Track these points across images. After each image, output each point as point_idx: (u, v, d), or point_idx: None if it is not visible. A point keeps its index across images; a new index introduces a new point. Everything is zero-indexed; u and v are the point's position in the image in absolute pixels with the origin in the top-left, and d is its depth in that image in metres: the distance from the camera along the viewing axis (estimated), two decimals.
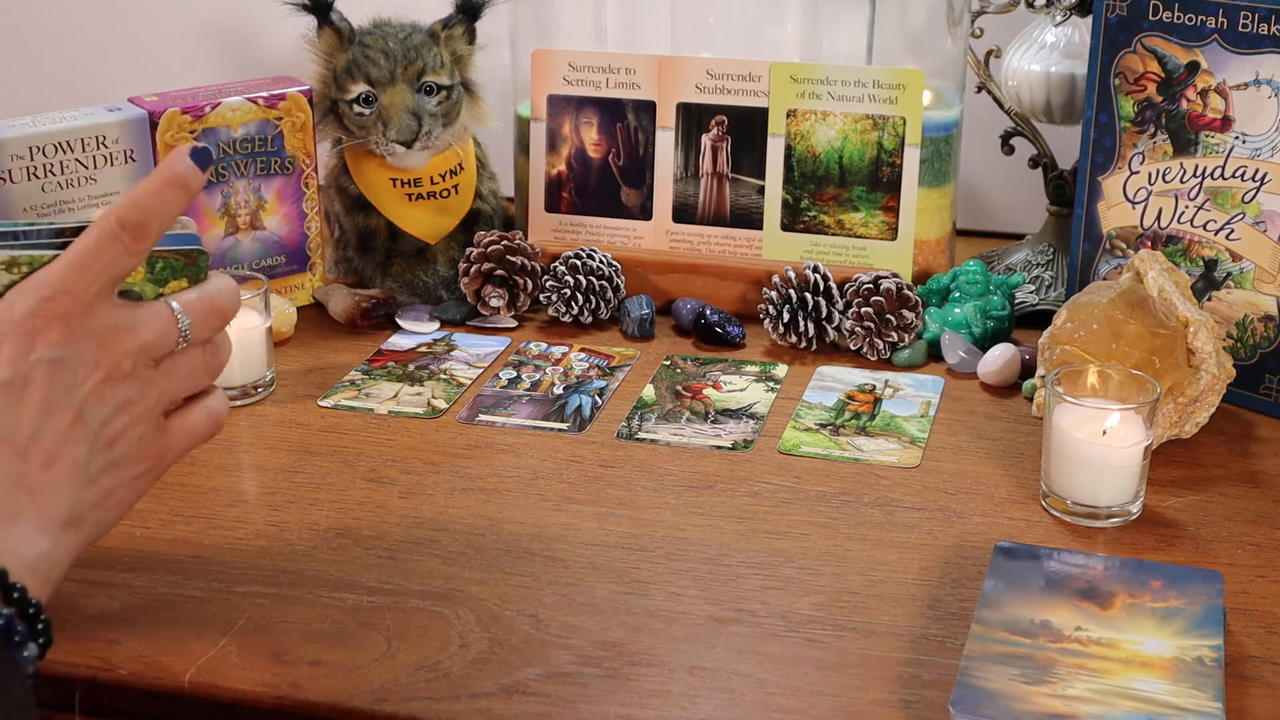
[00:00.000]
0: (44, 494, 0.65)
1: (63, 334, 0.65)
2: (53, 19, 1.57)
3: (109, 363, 0.67)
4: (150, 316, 0.69)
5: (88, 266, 0.66)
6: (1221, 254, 1.04)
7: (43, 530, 0.64)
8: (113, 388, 0.67)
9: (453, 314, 1.20)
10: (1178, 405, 0.96)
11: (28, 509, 0.64)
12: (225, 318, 0.73)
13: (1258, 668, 0.75)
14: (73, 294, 0.66)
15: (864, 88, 1.17)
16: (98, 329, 0.66)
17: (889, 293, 1.12)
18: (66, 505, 0.66)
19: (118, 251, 0.66)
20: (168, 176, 0.68)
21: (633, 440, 1.00)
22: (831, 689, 0.73)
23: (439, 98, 1.17)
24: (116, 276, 0.67)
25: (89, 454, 0.67)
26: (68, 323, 0.65)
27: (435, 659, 0.75)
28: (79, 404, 0.66)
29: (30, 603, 0.62)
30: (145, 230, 0.67)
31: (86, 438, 0.66)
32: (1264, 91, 1.01)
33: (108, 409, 0.67)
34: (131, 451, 0.69)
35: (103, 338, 0.67)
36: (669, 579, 0.83)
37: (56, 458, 0.65)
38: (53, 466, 0.65)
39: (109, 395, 0.67)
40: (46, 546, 0.65)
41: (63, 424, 0.65)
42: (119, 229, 0.66)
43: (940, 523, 0.89)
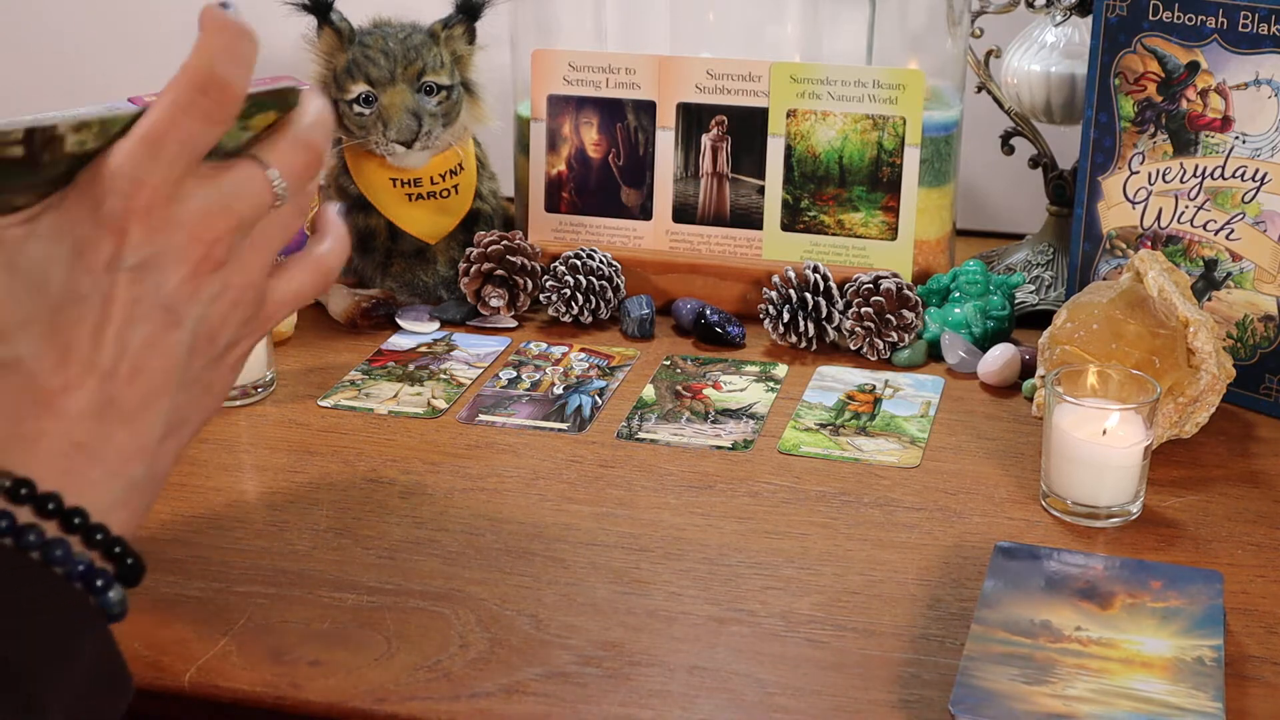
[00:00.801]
0: (137, 415, 0.57)
1: (144, 233, 0.56)
2: (53, 19, 1.57)
3: (200, 253, 0.57)
4: (242, 186, 0.58)
5: (165, 146, 0.55)
6: (1221, 254, 1.04)
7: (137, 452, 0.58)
8: (207, 278, 0.58)
9: (453, 314, 1.20)
10: (1178, 405, 0.96)
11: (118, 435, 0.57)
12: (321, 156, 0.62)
13: (1258, 668, 0.75)
14: (152, 184, 0.55)
15: (864, 88, 1.17)
16: (185, 217, 0.56)
17: (889, 293, 1.12)
18: (164, 417, 0.58)
19: (201, 122, 0.56)
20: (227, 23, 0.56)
21: (633, 440, 1.00)
22: (831, 689, 0.73)
23: (439, 98, 1.17)
24: (201, 151, 0.57)
25: (188, 356, 0.58)
26: (149, 218, 0.56)
27: (435, 659, 0.75)
28: (169, 305, 0.57)
29: (115, 541, 0.56)
30: (230, 90, 0.56)
31: (183, 339, 0.58)
32: (1264, 91, 1.01)
33: (204, 302, 0.58)
34: (235, 335, 0.61)
35: (192, 226, 0.57)
36: (669, 579, 0.83)
37: (147, 370, 0.57)
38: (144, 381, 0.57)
39: (204, 287, 0.58)
40: (138, 472, 0.58)
41: (153, 332, 0.57)
42: (199, 95, 0.55)
43: (940, 523, 0.89)
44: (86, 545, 0.56)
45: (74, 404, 0.56)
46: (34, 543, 0.54)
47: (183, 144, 0.56)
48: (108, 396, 0.56)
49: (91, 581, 0.55)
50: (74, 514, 0.55)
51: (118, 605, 0.56)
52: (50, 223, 0.55)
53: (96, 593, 0.55)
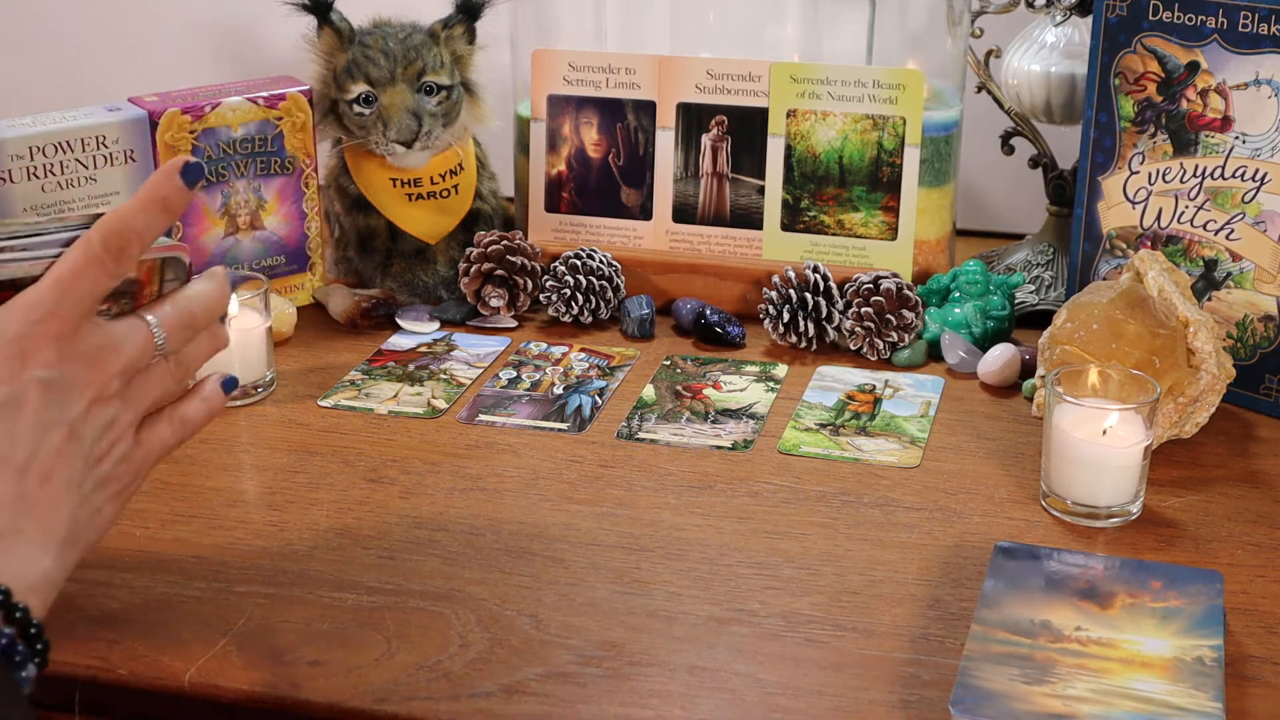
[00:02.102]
0: (44, 512, 0.65)
1: (54, 355, 0.66)
2: (53, 19, 1.57)
3: (98, 383, 0.68)
4: (130, 334, 0.70)
5: (73, 288, 0.66)
6: (1221, 254, 1.04)
7: (44, 549, 0.65)
8: (101, 407, 0.68)
9: (453, 314, 1.20)
10: (1178, 405, 0.96)
11: (29, 528, 0.65)
12: (198, 327, 0.73)
13: (1258, 668, 0.75)
14: (60, 315, 0.66)
15: (864, 88, 1.17)
16: (86, 350, 0.67)
17: (889, 293, 1.12)
18: (65, 523, 0.66)
19: (100, 273, 0.67)
20: (150, 197, 0.69)
21: (633, 440, 1.00)
22: (831, 689, 0.73)
23: (439, 98, 1.17)
24: (99, 296, 0.68)
25: (83, 472, 0.68)
26: (58, 344, 0.66)
27: (435, 659, 0.75)
28: (72, 423, 0.67)
29: (32, 623, 0.62)
30: (127, 252, 0.67)
31: (81, 455, 0.67)
32: (1264, 91, 1.01)
33: (97, 427, 0.68)
34: (115, 469, 0.70)
35: (90, 359, 0.67)
36: (669, 579, 0.83)
37: (53, 476, 0.66)
38: (50, 485, 0.66)
39: (97, 415, 0.68)
40: (48, 565, 0.65)
41: (58, 443, 0.66)
42: (101, 251, 0.67)
43: (940, 523, 0.89)
44: (7, 622, 0.62)
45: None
46: None
47: (86, 289, 0.67)
48: (21, 491, 0.64)
49: (12, 656, 0.61)
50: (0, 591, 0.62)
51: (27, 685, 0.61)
52: None
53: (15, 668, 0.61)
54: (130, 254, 0.68)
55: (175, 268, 0.73)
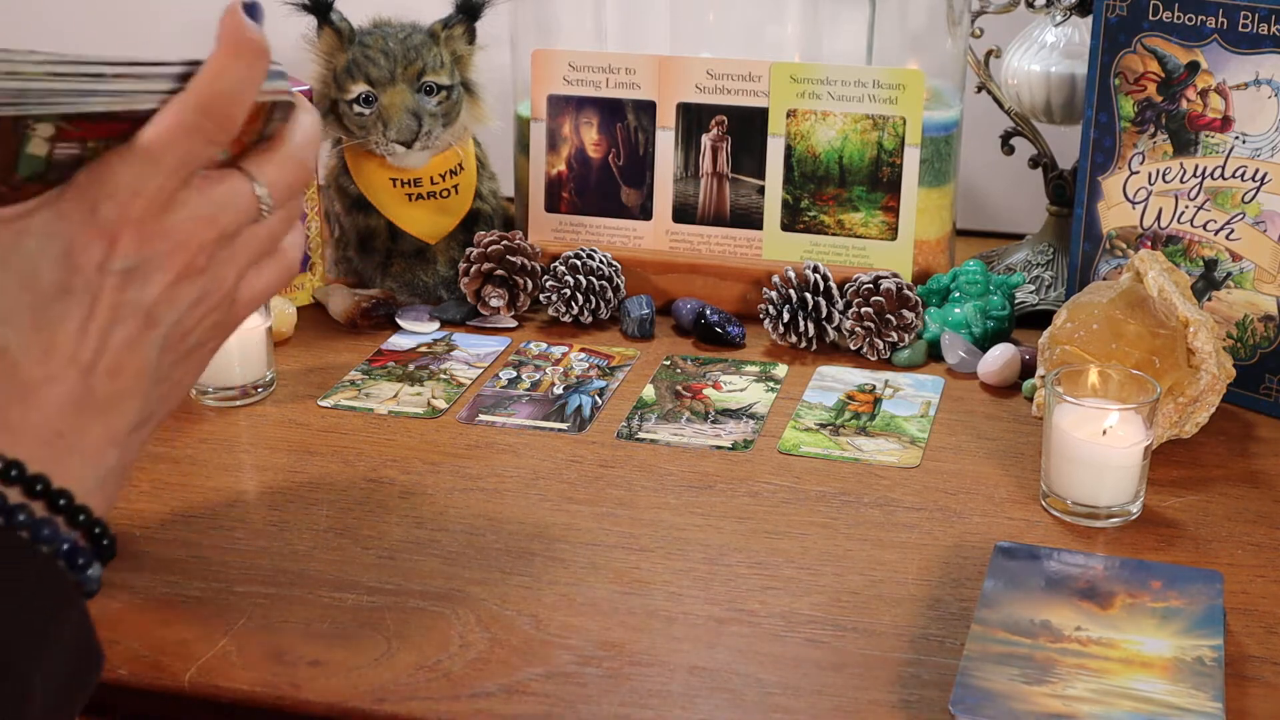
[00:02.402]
0: (113, 407, 0.60)
1: (135, 241, 0.58)
2: (53, 19, 1.57)
3: (183, 261, 0.60)
4: (230, 200, 0.61)
5: (164, 161, 0.58)
6: (1221, 254, 1.04)
7: (110, 442, 0.60)
8: (187, 285, 0.61)
9: (453, 314, 1.20)
10: (1178, 405, 0.96)
11: (95, 425, 0.60)
12: (308, 176, 0.64)
13: (1258, 668, 0.75)
14: (147, 194, 0.58)
15: (864, 88, 1.17)
16: (174, 227, 0.59)
17: (889, 293, 1.12)
18: (136, 411, 0.61)
19: (201, 143, 0.58)
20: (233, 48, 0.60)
21: (633, 440, 1.00)
22: (831, 689, 0.73)
23: (439, 98, 1.17)
24: (197, 167, 0.59)
25: (160, 355, 0.61)
26: (141, 227, 0.58)
27: (435, 659, 0.75)
28: (149, 308, 0.60)
29: (96, 523, 0.59)
30: (233, 117, 0.59)
31: (158, 341, 0.61)
32: (1264, 91, 1.01)
33: (181, 307, 0.61)
34: (203, 338, 0.63)
35: (179, 235, 0.59)
36: (669, 579, 0.83)
37: (124, 368, 0.60)
38: (121, 377, 0.60)
39: (182, 294, 0.61)
40: (113, 458, 0.61)
41: (132, 333, 0.59)
42: (203, 117, 0.58)
43: (940, 523, 0.89)
44: (70, 525, 0.58)
45: (55, 395, 0.58)
46: (24, 521, 0.56)
47: (181, 160, 0.58)
48: (87, 390, 0.59)
49: (74, 560, 0.58)
50: (60, 495, 0.58)
51: (95, 582, 0.59)
52: (45, 220, 0.57)
53: (78, 570, 0.58)
54: (236, 118, 0.59)
55: (283, 110, 0.63)
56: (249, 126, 0.61)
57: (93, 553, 0.59)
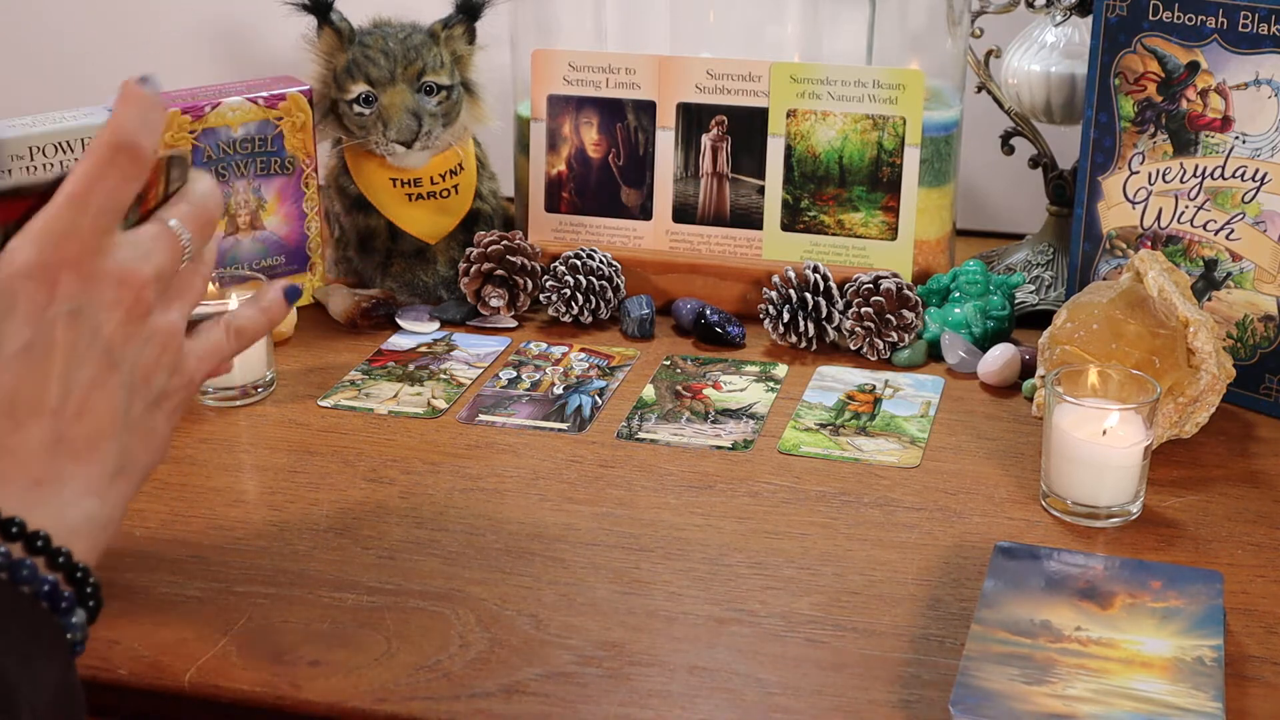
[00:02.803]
0: (87, 451, 0.61)
1: (78, 281, 0.60)
2: (53, 19, 1.57)
3: (129, 299, 0.62)
4: (156, 241, 0.64)
5: (89, 202, 0.60)
6: (1221, 254, 1.04)
7: (88, 489, 0.61)
8: (138, 323, 0.63)
9: (453, 314, 1.20)
10: (1178, 405, 0.96)
11: (69, 471, 0.61)
12: (214, 224, 0.68)
13: (1258, 668, 0.75)
14: (79, 236, 0.60)
15: (864, 88, 1.17)
16: (112, 267, 0.61)
17: (889, 293, 1.12)
18: (112, 456, 0.62)
19: (119, 179, 0.61)
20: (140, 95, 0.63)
21: (633, 440, 1.00)
22: (831, 689, 0.73)
23: (439, 98, 1.17)
24: (121, 207, 0.62)
25: (128, 398, 0.63)
26: (81, 267, 0.60)
27: (435, 659, 0.75)
28: (106, 349, 0.62)
29: (77, 567, 0.59)
30: (141, 150, 0.61)
31: (122, 382, 0.62)
32: (1264, 91, 1.01)
33: (137, 346, 0.63)
34: (167, 382, 0.65)
35: (118, 276, 0.62)
36: (669, 579, 0.83)
37: (92, 411, 0.61)
38: (88, 420, 0.61)
39: (136, 332, 0.63)
40: (93, 506, 0.62)
41: (93, 374, 0.61)
42: (115, 155, 0.61)
43: (940, 523, 0.89)
44: (50, 568, 0.59)
45: (28, 443, 0.60)
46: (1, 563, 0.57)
47: (104, 200, 0.61)
48: (58, 434, 0.61)
49: (56, 602, 0.59)
50: (36, 537, 0.59)
51: (80, 630, 0.60)
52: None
53: (61, 614, 0.59)
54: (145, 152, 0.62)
55: (179, 166, 0.67)
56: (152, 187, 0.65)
57: (74, 598, 0.60)
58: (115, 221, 0.62)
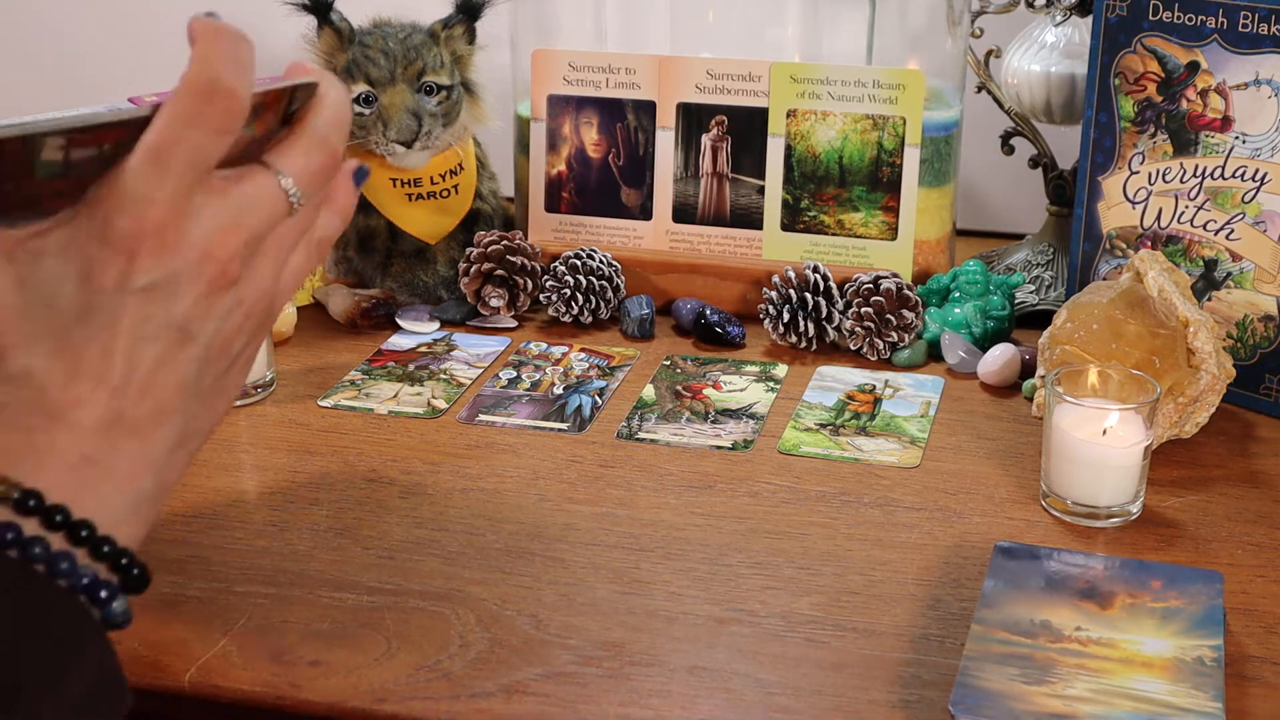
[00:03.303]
0: (147, 429, 0.57)
1: (155, 254, 0.54)
2: (53, 19, 1.57)
3: (214, 271, 0.56)
4: (255, 199, 0.57)
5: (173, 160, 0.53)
6: (1221, 254, 1.04)
7: (145, 465, 0.57)
8: (221, 295, 0.57)
9: (453, 314, 1.20)
10: (1178, 405, 0.96)
11: (127, 449, 0.56)
12: (337, 157, 0.60)
13: (1258, 668, 0.75)
14: (161, 201, 0.53)
15: (864, 88, 1.17)
16: (197, 235, 0.55)
17: (889, 293, 1.12)
18: (175, 431, 0.58)
19: (208, 133, 0.54)
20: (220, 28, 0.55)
21: (633, 440, 1.00)
22: (831, 689, 0.73)
23: (439, 98, 1.17)
24: (210, 163, 0.55)
25: (199, 370, 0.58)
26: (160, 238, 0.54)
27: (435, 659, 0.75)
28: (182, 324, 0.56)
29: (122, 554, 0.56)
30: (235, 97, 0.54)
31: (195, 356, 0.57)
32: (1264, 91, 1.01)
33: (218, 318, 0.57)
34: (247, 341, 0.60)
35: (205, 244, 0.55)
36: (669, 579, 0.83)
37: (158, 386, 0.56)
38: (153, 396, 0.56)
39: (218, 304, 0.57)
40: (149, 483, 0.57)
41: (164, 351, 0.56)
42: (203, 104, 0.53)
43: (940, 523, 0.89)
44: (93, 557, 0.56)
45: (83, 418, 0.55)
46: (39, 555, 0.54)
47: (190, 157, 0.54)
48: (117, 411, 0.56)
49: (96, 594, 0.55)
50: (81, 526, 0.55)
51: (121, 616, 0.56)
52: (61, 240, 0.54)
53: (101, 604, 0.55)
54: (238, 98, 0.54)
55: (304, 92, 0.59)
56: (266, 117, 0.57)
57: (119, 585, 0.56)
58: (204, 178, 0.55)
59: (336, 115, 0.60)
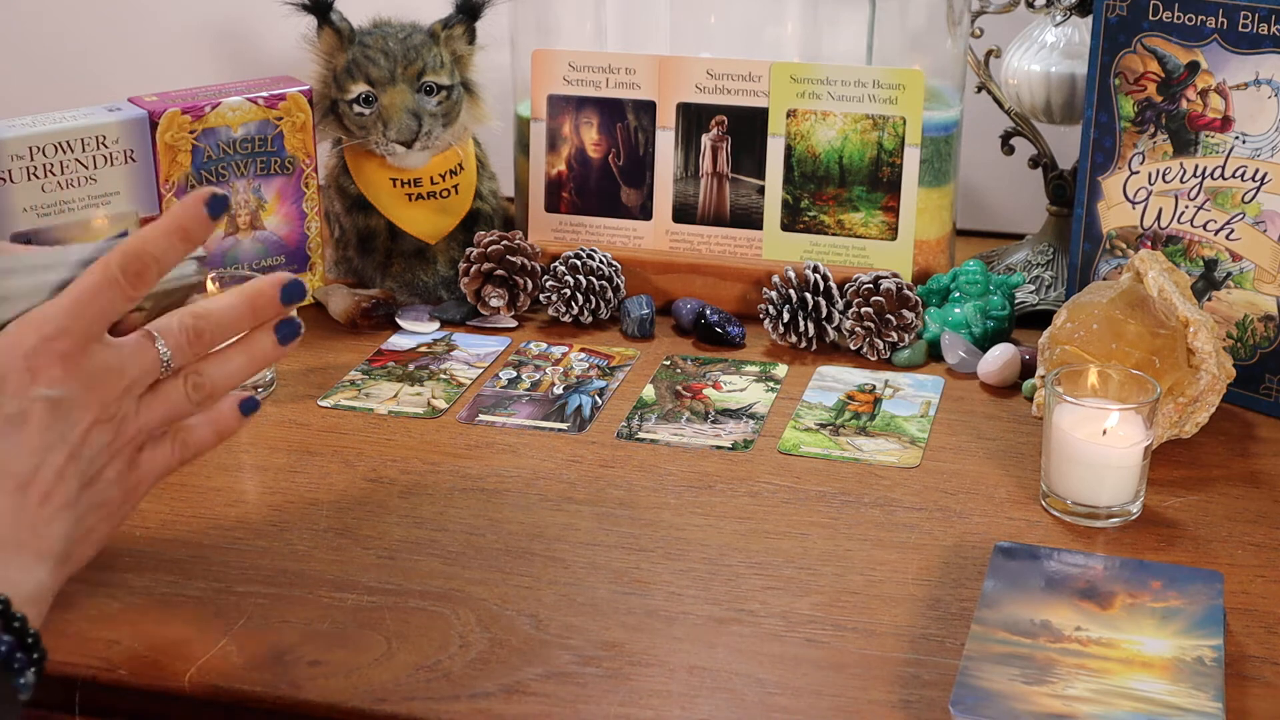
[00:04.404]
0: (42, 529, 0.67)
1: (62, 374, 0.68)
2: (53, 19, 1.57)
3: (99, 404, 0.69)
4: (136, 354, 0.71)
5: (86, 309, 0.68)
6: (1221, 254, 1.04)
7: (40, 563, 0.67)
8: (101, 429, 0.70)
9: (453, 314, 1.20)
10: (1178, 405, 0.96)
11: (28, 542, 0.67)
12: (206, 344, 0.74)
13: (1258, 668, 0.75)
14: (71, 335, 0.68)
15: (864, 88, 1.17)
16: (92, 370, 0.69)
17: (889, 293, 1.12)
18: (61, 541, 0.68)
19: (115, 296, 0.69)
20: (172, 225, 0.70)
21: (633, 440, 1.00)
22: (831, 689, 0.73)
23: (439, 98, 1.17)
24: (111, 319, 0.69)
25: (78, 493, 0.69)
26: (66, 363, 0.68)
27: (435, 659, 0.75)
28: (74, 444, 0.68)
29: (29, 632, 0.64)
30: (144, 278, 0.70)
31: (78, 476, 0.69)
32: (1264, 91, 1.01)
33: (95, 449, 0.70)
34: (108, 490, 0.72)
35: (96, 380, 0.69)
36: (669, 579, 0.83)
37: (53, 495, 0.68)
38: (49, 503, 0.68)
39: (96, 437, 0.70)
40: (43, 578, 0.67)
41: (59, 462, 0.68)
42: (119, 275, 0.69)
43: (940, 523, 0.89)
44: (5, 630, 0.63)
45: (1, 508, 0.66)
46: None
47: (101, 310, 0.69)
48: (21, 507, 0.66)
49: (10, 664, 0.62)
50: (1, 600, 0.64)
51: (28, 689, 0.63)
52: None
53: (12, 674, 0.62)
54: (147, 279, 0.70)
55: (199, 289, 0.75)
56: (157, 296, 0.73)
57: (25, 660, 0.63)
58: (104, 330, 0.69)
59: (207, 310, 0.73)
